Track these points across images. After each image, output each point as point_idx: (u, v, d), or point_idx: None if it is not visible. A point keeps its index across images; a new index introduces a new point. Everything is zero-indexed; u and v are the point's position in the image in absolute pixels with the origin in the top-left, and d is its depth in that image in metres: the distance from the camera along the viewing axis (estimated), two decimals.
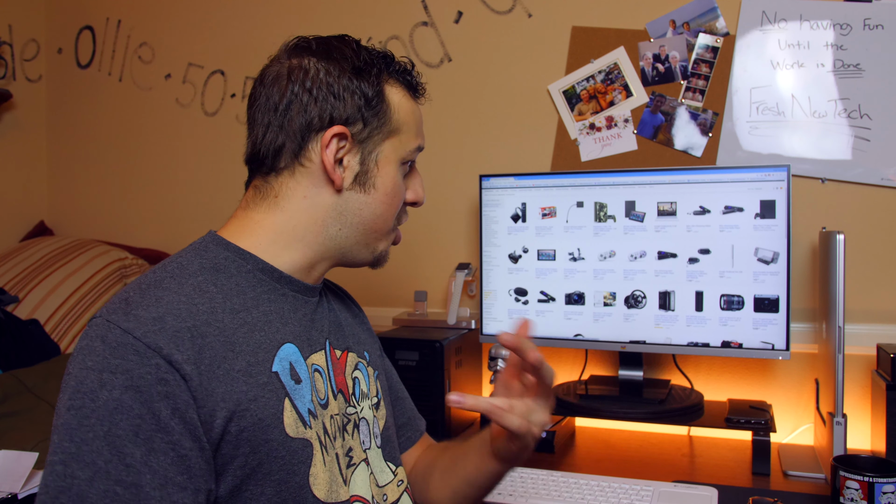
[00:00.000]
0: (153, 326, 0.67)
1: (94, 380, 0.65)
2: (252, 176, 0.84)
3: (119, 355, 0.65)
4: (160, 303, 0.70)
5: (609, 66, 1.68)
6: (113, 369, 0.65)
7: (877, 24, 1.48)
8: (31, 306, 1.91)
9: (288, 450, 0.73)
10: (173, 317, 0.69)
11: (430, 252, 1.86)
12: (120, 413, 0.63)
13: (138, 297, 0.70)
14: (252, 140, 0.82)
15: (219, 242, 0.80)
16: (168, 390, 0.65)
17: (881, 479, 1.03)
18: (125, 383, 0.64)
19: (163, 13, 2.23)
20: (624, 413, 1.43)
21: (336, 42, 0.82)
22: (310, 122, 0.79)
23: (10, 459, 1.15)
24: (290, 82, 0.79)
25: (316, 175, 0.80)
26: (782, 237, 1.39)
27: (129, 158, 2.30)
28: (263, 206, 0.81)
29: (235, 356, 0.72)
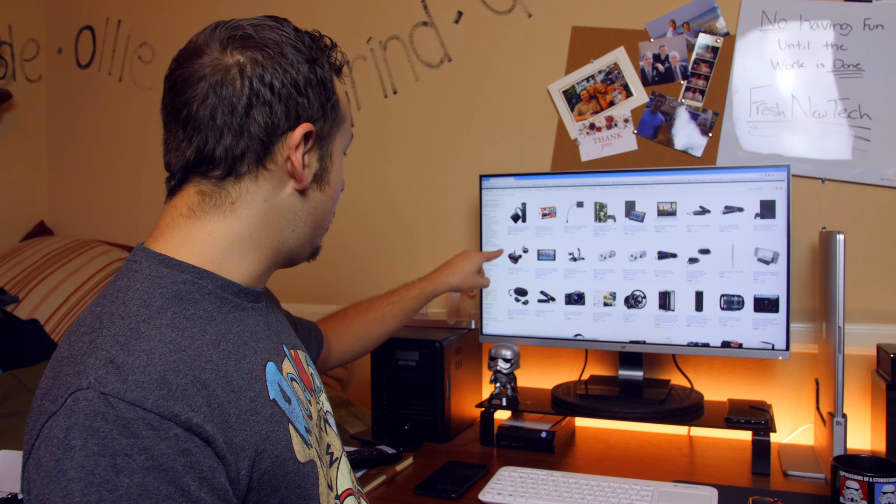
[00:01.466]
0: (160, 391, 0.59)
1: (107, 466, 0.55)
2: (187, 179, 0.73)
3: (131, 433, 0.56)
4: (152, 358, 0.61)
5: (609, 66, 1.68)
6: (127, 451, 0.56)
7: (877, 24, 1.48)
8: (31, 306, 1.91)
9: (301, 476, 0.71)
10: (174, 373, 0.61)
11: (430, 252, 1.86)
12: (147, 499, 0.56)
13: (124, 356, 0.60)
14: (197, 146, 0.70)
15: (167, 262, 0.70)
16: (192, 460, 0.59)
17: (881, 479, 1.03)
18: (146, 464, 0.56)
19: (163, 13, 2.23)
20: (624, 413, 1.43)
21: (276, 27, 0.74)
22: (276, 124, 0.71)
23: (10, 459, 1.15)
24: (245, 79, 0.70)
25: (278, 178, 0.73)
26: (782, 237, 1.39)
27: (129, 158, 2.30)
28: (216, 215, 0.72)
29: (238, 396, 0.66)
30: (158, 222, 0.75)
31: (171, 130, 0.73)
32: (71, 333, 0.66)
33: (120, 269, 0.72)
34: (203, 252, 0.72)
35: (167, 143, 0.74)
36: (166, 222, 0.74)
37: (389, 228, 1.91)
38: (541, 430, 1.45)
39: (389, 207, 1.90)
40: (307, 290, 1.97)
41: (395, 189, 1.88)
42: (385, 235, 1.92)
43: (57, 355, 0.64)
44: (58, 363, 0.63)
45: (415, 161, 1.86)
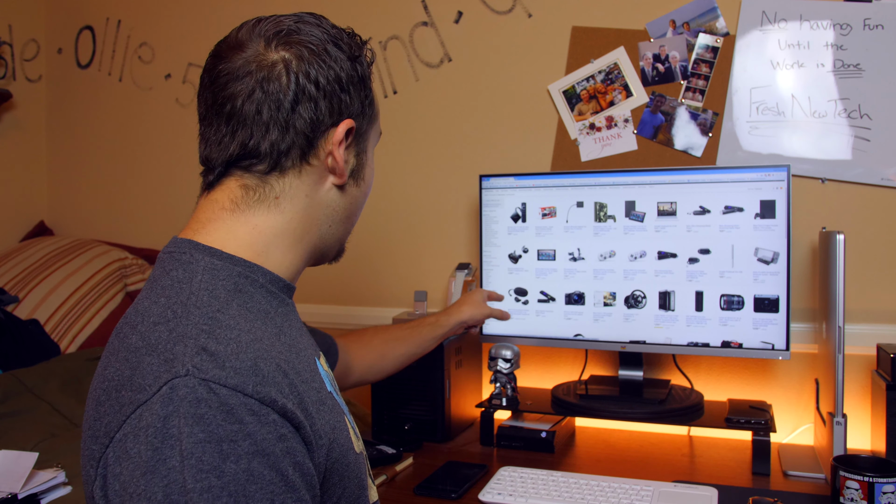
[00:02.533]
0: (256, 377, 0.59)
1: (214, 453, 0.55)
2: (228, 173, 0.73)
3: (235, 419, 0.56)
4: (240, 346, 0.61)
5: (609, 66, 1.68)
6: (233, 437, 0.56)
7: (877, 24, 1.48)
8: (31, 306, 1.91)
9: (358, 466, 0.72)
10: (263, 360, 0.61)
11: (430, 252, 1.86)
12: (252, 484, 0.56)
13: (215, 344, 0.60)
14: (242, 139, 0.70)
15: (219, 255, 0.69)
16: (288, 446, 0.59)
17: (881, 479, 1.03)
18: (250, 449, 0.56)
19: (163, 13, 2.23)
20: (624, 413, 1.43)
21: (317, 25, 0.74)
22: (320, 119, 0.71)
23: (10, 459, 1.15)
24: (291, 75, 0.70)
25: (319, 173, 0.74)
26: (782, 237, 1.39)
27: (129, 158, 2.31)
28: (260, 209, 0.72)
29: (308, 386, 0.66)
30: (196, 215, 0.74)
31: (211, 125, 0.73)
32: (136, 324, 0.64)
33: (164, 262, 0.70)
34: (251, 246, 0.72)
35: (206, 138, 0.74)
36: (206, 215, 0.73)
37: (389, 228, 1.91)
38: (541, 430, 1.45)
39: (389, 207, 1.90)
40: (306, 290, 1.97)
41: (395, 189, 1.88)
42: (385, 235, 1.92)
43: (127, 346, 0.62)
44: (131, 353, 0.61)
45: (415, 161, 1.86)
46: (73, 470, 1.24)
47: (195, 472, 0.55)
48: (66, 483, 1.19)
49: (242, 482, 0.55)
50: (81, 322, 1.94)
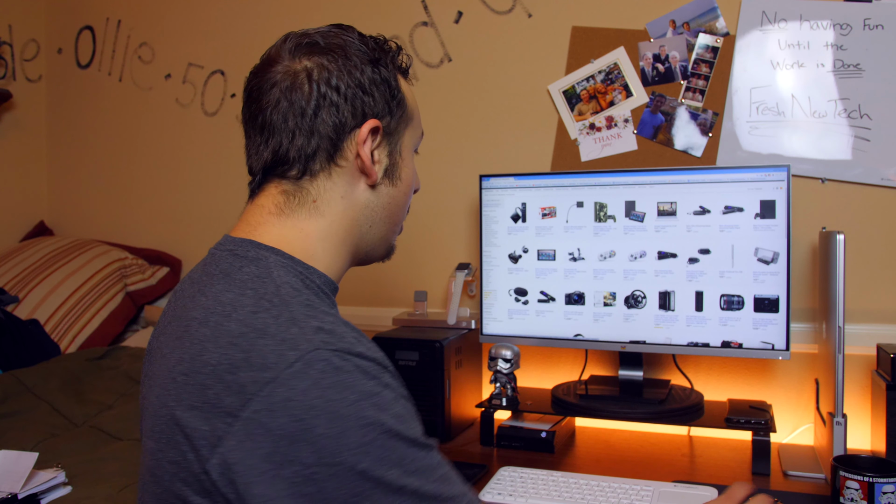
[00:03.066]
0: (366, 344, 0.66)
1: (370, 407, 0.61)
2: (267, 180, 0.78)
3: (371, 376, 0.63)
4: (339, 324, 0.67)
5: (609, 66, 1.68)
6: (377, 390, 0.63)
7: (877, 24, 1.48)
8: (31, 306, 1.91)
9: None
10: (356, 332, 0.68)
11: (430, 252, 1.86)
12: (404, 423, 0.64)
13: (326, 324, 0.65)
14: (273, 148, 0.76)
15: (281, 254, 0.74)
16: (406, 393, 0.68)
17: (881, 479, 1.03)
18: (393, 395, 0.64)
19: (163, 13, 2.23)
20: (624, 413, 1.43)
21: (341, 34, 0.79)
22: (343, 122, 0.76)
23: (10, 459, 1.15)
24: (313, 83, 0.75)
25: (350, 173, 0.78)
26: (782, 237, 1.39)
27: (129, 158, 2.31)
28: (303, 213, 0.76)
29: None
30: (246, 218, 0.78)
31: (250, 137, 0.79)
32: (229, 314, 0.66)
33: (225, 258, 0.73)
34: (302, 249, 0.76)
35: (248, 149, 0.80)
36: (256, 219, 0.77)
37: None
38: (541, 430, 1.45)
39: None
40: None
41: None
42: None
43: (226, 332, 0.65)
44: (237, 339, 0.64)
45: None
46: (73, 470, 1.24)
47: (358, 429, 0.59)
48: (66, 483, 1.19)
49: (398, 426, 0.62)
50: (81, 322, 1.94)
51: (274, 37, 0.83)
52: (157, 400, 0.68)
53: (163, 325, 0.76)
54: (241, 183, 2.13)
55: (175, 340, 0.69)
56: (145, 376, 0.76)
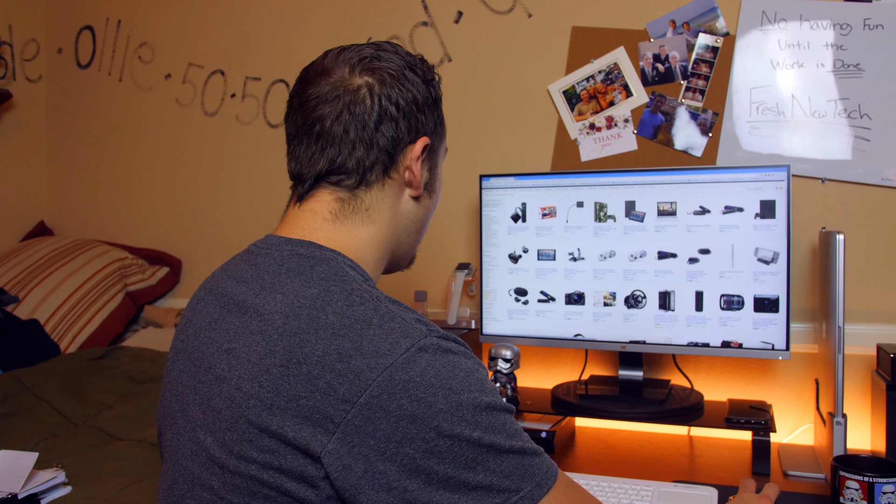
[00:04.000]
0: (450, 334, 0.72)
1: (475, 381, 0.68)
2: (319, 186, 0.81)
3: (469, 356, 0.70)
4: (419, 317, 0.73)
5: (609, 66, 1.68)
6: (477, 367, 0.70)
7: (877, 24, 1.48)
8: (31, 306, 1.91)
9: None
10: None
11: (430, 252, 1.86)
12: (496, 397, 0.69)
13: (417, 316, 0.72)
14: (330, 157, 0.79)
15: (343, 257, 0.77)
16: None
17: (881, 479, 1.03)
18: (485, 374, 0.71)
19: (163, 13, 2.23)
20: (624, 413, 1.43)
21: (395, 52, 0.83)
22: (400, 137, 0.80)
23: (10, 459, 1.15)
24: (374, 97, 0.79)
25: (399, 186, 0.83)
26: (782, 237, 1.39)
27: (129, 158, 2.31)
28: (356, 220, 0.80)
29: None
30: (298, 222, 0.80)
31: (300, 143, 0.81)
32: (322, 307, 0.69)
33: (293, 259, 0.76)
34: (355, 252, 0.80)
35: (295, 155, 0.82)
36: (310, 224, 0.80)
37: None
38: (541, 430, 1.45)
39: None
40: None
41: None
42: None
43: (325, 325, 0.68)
44: (341, 330, 0.67)
45: None
46: (73, 470, 1.24)
47: (473, 401, 0.66)
48: (66, 483, 1.19)
49: (495, 398, 0.68)
50: (81, 322, 1.94)
51: (274, 37, 0.83)
52: (240, 392, 0.68)
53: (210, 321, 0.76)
54: (240, 183, 2.14)
55: (251, 335, 0.70)
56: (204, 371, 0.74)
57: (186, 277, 2.21)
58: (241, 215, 2.13)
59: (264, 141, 2.09)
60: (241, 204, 2.13)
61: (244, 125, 2.12)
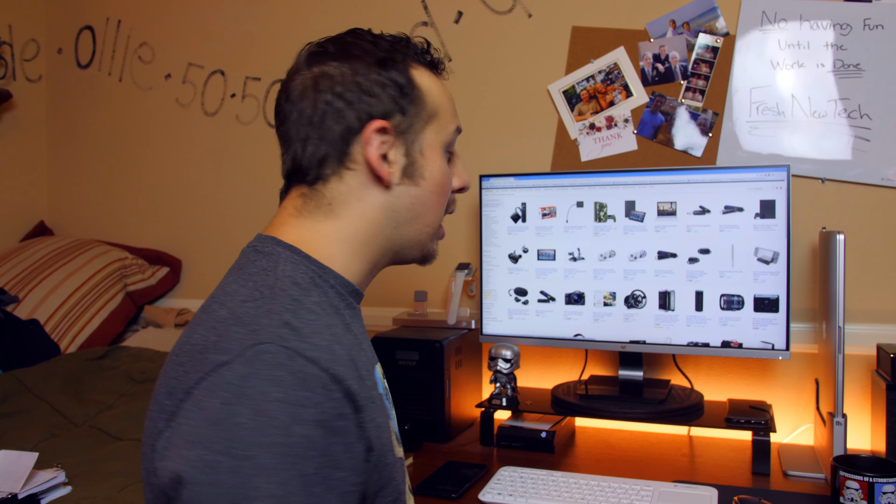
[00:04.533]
0: (330, 355, 0.64)
1: (286, 413, 0.59)
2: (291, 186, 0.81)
3: (307, 387, 0.61)
4: (319, 327, 0.67)
5: (609, 66, 1.68)
6: (303, 402, 0.60)
7: (877, 24, 1.48)
8: (31, 306, 1.91)
9: (398, 470, 0.74)
10: (338, 343, 0.67)
11: None
12: (311, 450, 0.60)
13: (297, 321, 0.66)
14: (291, 156, 0.79)
15: (298, 252, 0.75)
16: (344, 425, 0.63)
17: (881, 479, 1.03)
18: (315, 418, 0.60)
19: (163, 13, 2.23)
20: (624, 413, 1.43)
21: (351, 38, 0.80)
22: (349, 127, 0.77)
23: (10, 459, 1.15)
24: (318, 92, 0.77)
25: (364, 175, 0.78)
26: (782, 237, 1.39)
27: (129, 158, 2.31)
28: (319, 214, 0.78)
29: (364, 380, 0.69)
30: (273, 220, 0.82)
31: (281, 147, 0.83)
32: (225, 301, 0.69)
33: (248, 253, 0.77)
34: (318, 249, 0.77)
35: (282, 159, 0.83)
36: (280, 220, 0.80)
37: None
38: (541, 430, 1.45)
39: None
40: None
41: None
42: None
43: (215, 318, 0.67)
44: (219, 324, 0.66)
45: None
46: (73, 470, 1.24)
47: (267, 428, 0.59)
48: (66, 483, 1.19)
49: (303, 446, 0.59)
50: (81, 322, 1.94)
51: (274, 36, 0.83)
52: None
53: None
54: (240, 183, 2.14)
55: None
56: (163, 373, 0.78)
57: (186, 277, 2.21)
58: (241, 215, 2.13)
59: (264, 141, 2.09)
60: (241, 204, 2.13)
61: (244, 125, 2.12)
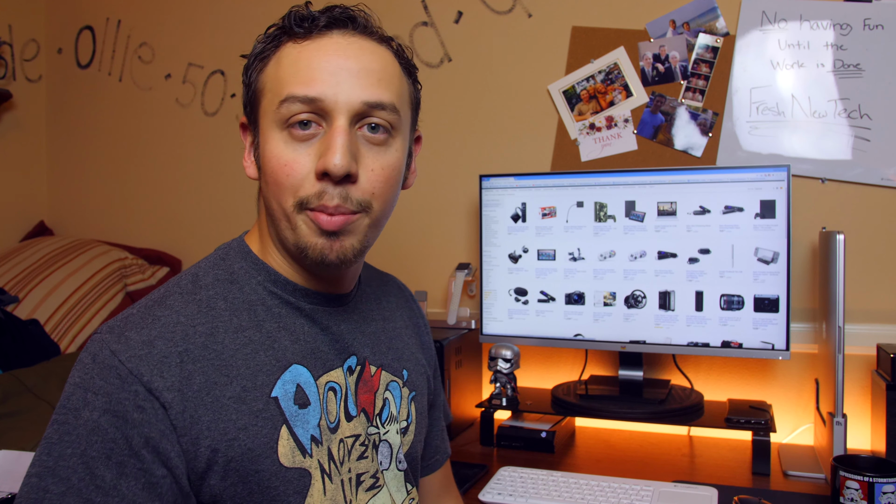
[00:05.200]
0: (140, 351, 0.66)
1: (79, 398, 0.64)
2: None
3: (103, 376, 0.64)
4: (156, 324, 0.68)
5: (609, 66, 1.68)
6: (96, 390, 0.64)
7: (877, 24, 1.48)
8: (31, 306, 1.91)
9: (281, 480, 0.70)
10: (164, 341, 0.67)
11: (430, 252, 1.86)
12: (96, 434, 0.63)
13: (138, 317, 0.69)
14: None
15: (240, 250, 0.77)
16: (144, 418, 0.64)
17: (881, 479, 1.03)
18: (104, 406, 0.63)
19: (163, 13, 2.23)
20: (624, 413, 1.43)
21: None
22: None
23: (9, 459, 1.15)
24: None
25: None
26: (782, 237, 1.39)
27: (129, 158, 2.30)
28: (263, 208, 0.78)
29: (229, 381, 0.69)
30: None
31: None
32: None
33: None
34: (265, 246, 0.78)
35: None
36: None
37: (389, 228, 1.90)
38: (541, 430, 1.45)
39: None
40: None
41: None
42: (385, 235, 1.91)
43: None
44: None
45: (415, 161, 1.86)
46: None
47: (60, 406, 0.65)
48: None
49: (88, 430, 0.63)
50: (81, 322, 1.94)
51: None
52: None
53: None
54: (240, 183, 2.14)
55: None
56: None
57: None
58: (241, 215, 2.13)
59: None
60: (241, 204, 2.13)
61: None
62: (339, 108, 0.70)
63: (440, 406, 1.02)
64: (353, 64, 0.71)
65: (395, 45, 0.78)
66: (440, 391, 1.01)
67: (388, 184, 0.75)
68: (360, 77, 0.70)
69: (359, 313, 0.84)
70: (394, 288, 0.97)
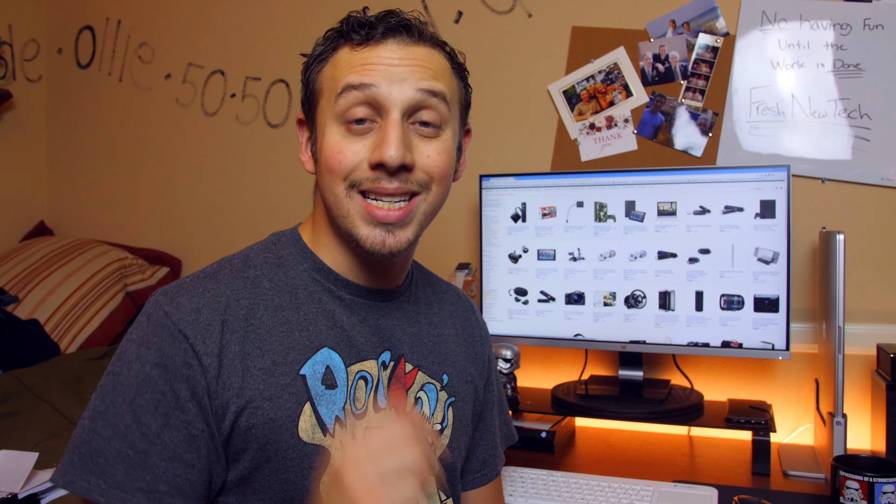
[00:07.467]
0: (189, 316, 0.71)
1: (133, 352, 0.70)
2: None
3: (157, 334, 0.70)
4: (206, 294, 0.74)
5: (609, 66, 1.68)
6: (149, 345, 0.70)
7: (877, 24, 1.48)
8: (31, 306, 1.91)
9: (298, 453, 0.73)
10: (210, 310, 0.72)
11: (429, 252, 1.86)
12: (146, 386, 0.68)
13: (190, 286, 0.75)
14: None
15: (292, 238, 0.83)
16: (190, 374, 0.69)
17: (881, 479, 1.03)
18: (156, 360, 0.69)
19: (163, 13, 2.23)
20: (624, 413, 1.43)
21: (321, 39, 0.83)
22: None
23: (10, 459, 1.15)
24: None
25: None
26: (782, 237, 1.39)
27: (129, 158, 2.30)
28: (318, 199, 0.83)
29: (262, 354, 0.73)
30: None
31: None
32: None
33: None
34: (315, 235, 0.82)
35: None
36: None
37: None
38: (541, 430, 1.45)
39: None
40: None
41: None
42: None
43: None
44: None
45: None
46: None
47: (116, 358, 0.71)
48: None
49: (140, 381, 0.69)
50: (81, 322, 1.94)
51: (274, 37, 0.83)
52: None
53: None
54: (240, 183, 2.14)
55: None
56: None
57: None
58: (241, 215, 2.13)
59: (264, 141, 2.09)
60: (241, 204, 2.13)
61: (244, 125, 2.12)
62: (393, 101, 0.74)
63: (491, 420, 0.99)
64: (407, 62, 0.75)
65: (448, 49, 0.83)
66: (493, 404, 0.99)
67: (444, 167, 0.78)
68: (413, 72, 0.75)
69: (403, 312, 0.86)
70: (452, 297, 0.98)
